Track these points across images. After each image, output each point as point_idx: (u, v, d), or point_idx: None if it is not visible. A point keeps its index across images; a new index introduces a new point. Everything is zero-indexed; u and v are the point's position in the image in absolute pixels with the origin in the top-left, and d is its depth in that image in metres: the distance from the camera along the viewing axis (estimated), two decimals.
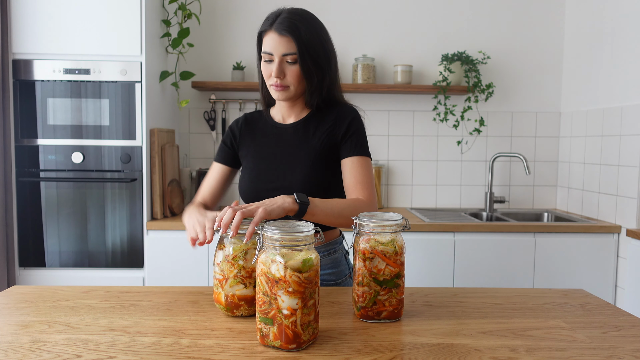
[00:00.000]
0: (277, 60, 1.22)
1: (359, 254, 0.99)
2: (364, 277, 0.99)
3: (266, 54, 1.24)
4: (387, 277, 0.98)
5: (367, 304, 0.99)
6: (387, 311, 0.99)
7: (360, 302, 1.00)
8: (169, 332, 0.93)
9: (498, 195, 2.92)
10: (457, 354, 0.85)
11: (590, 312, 1.08)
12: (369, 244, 0.98)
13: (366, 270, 0.98)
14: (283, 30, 1.20)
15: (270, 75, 1.25)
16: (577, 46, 2.77)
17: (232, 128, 1.42)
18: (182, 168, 2.79)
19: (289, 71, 1.24)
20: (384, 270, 0.98)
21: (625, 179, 2.34)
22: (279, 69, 1.22)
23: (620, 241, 2.38)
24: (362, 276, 0.99)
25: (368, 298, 0.99)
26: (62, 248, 2.37)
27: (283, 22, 1.21)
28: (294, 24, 1.21)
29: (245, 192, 1.34)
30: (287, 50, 1.21)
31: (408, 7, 2.88)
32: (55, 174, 2.36)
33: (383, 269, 0.98)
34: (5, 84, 2.29)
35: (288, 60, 1.23)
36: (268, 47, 1.23)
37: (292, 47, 1.21)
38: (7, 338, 0.90)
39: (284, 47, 1.21)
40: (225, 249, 1.01)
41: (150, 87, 2.42)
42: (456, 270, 2.38)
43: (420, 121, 2.92)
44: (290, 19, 1.22)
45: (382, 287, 0.98)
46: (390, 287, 0.98)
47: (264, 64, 1.26)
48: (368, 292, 0.99)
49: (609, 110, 2.47)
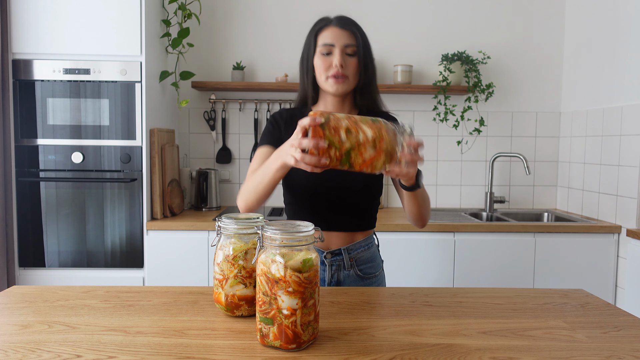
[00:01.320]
0: (338, 51, 1.29)
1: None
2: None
3: (327, 45, 1.30)
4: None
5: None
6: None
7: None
8: (169, 332, 0.93)
9: (498, 195, 2.92)
10: (457, 354, 0.85)
11: (590, 312, 1.08)
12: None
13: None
14: (345, 25, 1.31)
15: (330, 66, 1.30)
16: (577, 46, 2.77)
17: (277, 118, 1.40)
18: (182, 168, 2.79)
19: (347, 62, 1.30)
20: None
21: (625, 179, 2.34)
22: (341, 57, 1.29)
23: (620, 241, 2.38)
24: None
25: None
26: (62, 248, 2.37)
27: (343, 19, 1.33)
28: (354, 22, 1.34)
29: (302, 189, 1.35)
30: (349, 42, 1.30)
31: (408, 7, 2.88)
32: (55, 174, 2.36)
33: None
34: (5, 84, 2.29)
35: (348, 52, 1.30)
36: (329, 39, 1.30)
37: (353, 40, 1.31)
38: (7, 338, 0.90)
39: (345, 38, 1.30)
40: (225, 249, 1.01)
41: (150, 87, 2.42)
42: (456, 270, 2.38)
43: (420, 121, 2.92)
44: (350, 18, 1.34)
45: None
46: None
47: (321, 57, 1.31)
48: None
49: (609, 110, 2.47)
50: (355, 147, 0.95)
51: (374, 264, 1.43)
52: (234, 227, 1.00)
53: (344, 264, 1.36)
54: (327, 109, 1.39)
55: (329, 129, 0.95)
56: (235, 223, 1.00)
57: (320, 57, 1.31)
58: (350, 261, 1.37)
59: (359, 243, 1.38)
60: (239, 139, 2.92)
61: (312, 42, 1.33)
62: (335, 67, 1.29)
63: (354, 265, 1.37)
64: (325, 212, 1.35)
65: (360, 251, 1.38)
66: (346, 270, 1.37)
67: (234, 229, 1.00)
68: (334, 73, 1.30)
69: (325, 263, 1.35)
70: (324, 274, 1.36)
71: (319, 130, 0.95)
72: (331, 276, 1.36)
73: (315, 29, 1.34)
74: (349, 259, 1.36)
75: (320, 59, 1.31)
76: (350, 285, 1.37)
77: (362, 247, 1.39)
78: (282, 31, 2.87)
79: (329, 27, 1.31)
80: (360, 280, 1.39)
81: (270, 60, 2.88)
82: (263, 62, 2.88)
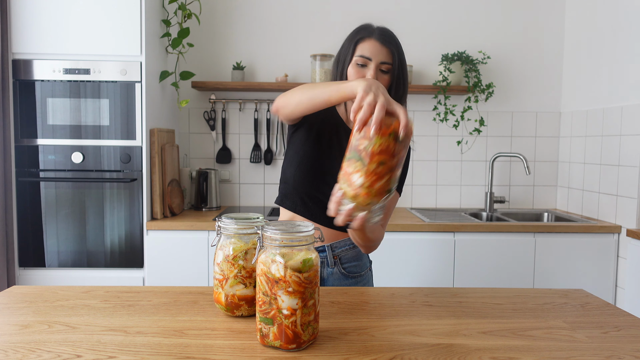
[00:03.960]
0: (373, 66, 1.28)
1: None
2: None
3: (364, 57, 1.29)
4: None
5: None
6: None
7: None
8: (169, 332, 0.93)
9: (498, 195, 2.92)
10: (457, 354, 0.85)
11: (590, 312, 1.08)
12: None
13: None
14: (386, 42, 1.29)
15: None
16: (577, 46, 2.77)
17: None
18: (182, 168, 2.79)
19: (379, 79, 1.30)
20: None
21: (625, 179, 2.34)
22: (375, 73, 1.29)
23: (620, 241, 2.38)
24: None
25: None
26: (62, 248, 2.37)
27: (385, 34, 1.30)
28: (395, 39, 1.31)
29: (301, 183, 1.35)
30: (385, 59, 1.29)
31: (408, 7, 2.88)
32: (55, 174, 2.36)
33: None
34: (5, 84, 2.29)
35: (382, 69, 1.30)
36: (367, 52, 1.29)
37: (390, 58, 1.29)
38: (7, 338, 0.90)
39: (383, 55, 1.29)
40: (225, 249, 1.01)
41: (150, 87, 2.42)
42: (456, 270, 2.38)
43: (420, 121, 2.92)
44: (391, 34, 1.32)
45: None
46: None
47: (356, 67, 1.30)
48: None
49: (609, 110, 2.47)
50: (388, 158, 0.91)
51: (360, 263, 1.42)
52: (234, 227, 1.00)
53: (327, 261, 1.36)
54: (348, 113, 1.38)
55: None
56: (235, 223, 1.00)
57: (355, 67, 1.30)
58: (335, 259, 1.36)
59: (344, 241, 1.38)
60: (239, 139, 2.92)
61: (350, 50, 1.32)
62: None
63: (337, 263, 1.37)
64: (311, 204, 1.35)
65: (346, 249, 1.38)
66: (330, 268, 1.36)
67: (234, 229, 1.00)
68: None
69: None
70: None
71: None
72: None
73: (356, 37, 1.32)
74: (333, 256, 1.36)
75: (355, 69, 1.30)
76: (334, 284, 1.37)
77: (347, 245, 1.38)
78: (282, 31, 2.87)
79: (369, 40, 1.29)
80: (345, 279, 1.38)
81: (270, 60, 2.88)
82: (263, 62, 2.88)
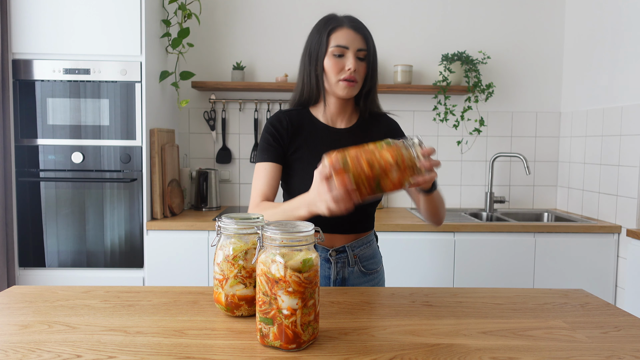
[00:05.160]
0: (351, 54, 1.28)
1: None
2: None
3: (341, 47, 1.28)
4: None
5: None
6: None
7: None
8: (169, 332, 0.93)
9: (498, 195, 2.92)
10: (457, 354, 0.85)
11: (590, 312, 1.08)
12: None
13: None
14: (358, 29, 1.30)
15: (342, 69, 1.29)
16: (577, 46, 2.77)
17: (277, 127, 1.35)
18: (182, 168, 2.79)
19: (358, 67, 1.30)
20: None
21: (625, 179, 2.34)
22: (355, 61, 1.28)
23: (620, 241, 2.38)
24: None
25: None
26: (62, 248, 2.37)
27: (356, 21, 1.31)
28: (365, 26, 1.32)
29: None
30: (361, 46, 1.29)
31: (408, 7, 2.88)
32: (55, 174, 2.36)
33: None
34: (5, 84, 2.29)
35: (359, 56, 1.30)
36: (343, 41, 1.28)
37: (364, 44, 1.30)
38: (7, 338, 0.89)
39: (358, 42, 1.29)
40: (225, 249, 1.01)
41: (150, 87, 2.42)
42: (456, 270, 2.38)
43: (420, 121, 2.92)
44: (360, 21, 1.32)
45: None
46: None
47: (333, 58, 1.29)
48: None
49: (609, 110, 2.47)
50: (382, 175, 0.97)
51: (376, 259, 1.47)
52: (234, 227, 1.00)
53: (348, 261, 1.40)
54: (328, 113, 1.38)
55: (352, 170, 0.96)
56: (235, 223, 1.00)
57: (332, 59, 1.29)
58: (354, 258, 1.40)
59: (361, 240, 1.41)
60: (239, 139, 2.92)
61: (323, 41, 1.29)
62: (348, 71, 1.28)
63: (357, 262, 1.41)
64: (328, 218, 1.35)
65: (363, 248, 1.42)
66: (350, 267, 1.40)
67: (234, 229, 1.00)
68: (346, 77, 1.28)
69: (331, 261, 1.38)
70: (330, 272, 1.39)
71: (342, 174, 0.95)
72: (336, 273, 1.39)
73: (327, 27, 1.29)
74: (353, 255, 1.40)
75: (332, 61, 1.29)
76: (355, 281, 1.41)
77: (364, 244, 1.42)
78: (282, 31, 2.87)
79: (342, 28, 1.28)
80: (364, 276, 1.42)
81: (270, 60, 2.88)
82: (263, 62, 2.88)
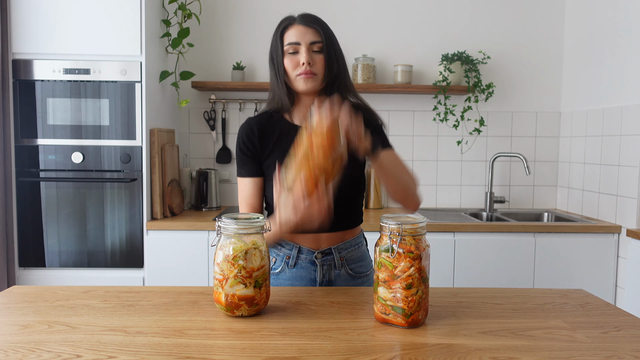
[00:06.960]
0: (304, 48, 1.29)
1: (406, 255, 0.94)
2: (414, 279, 0.94)
3: (292, 44, 1.30)
4: (426, 273, 0.97)
5: (415, 309, 0.95)
6: (425, 311, 0.98)
7: (410, 308, 0.95)
8: (169, 332, 0.93)
9: (498, 195, 2.92)
10: (457, 354, 0.85)
11: (590, 312, 1.08)
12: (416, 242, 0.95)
13: (415, 270, 0.94)
14: (309, 23, 1.31)
15: (298, 65, 1.30)
16: (577, 46, 2.77)
17: (249, 136, 1.35)
18: (182, 168, 2.79)
19: (315, 59, 1.31)
20: (427, 267, 0.97)
21: (625, 179, 2.34)
22: (308, 55, 1.29)
23: (620, 241, 2.38)
24: (412, 278, 0.94)
25: (417, 301, 0.95)
26: (62, 248, 2.37)
27: (307, 16, 1.32)
28: (318, 19, 1.33)
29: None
30: (314, 39, 1.30)
31: (408, 7, 2.88)
32: (55, 174, 2.36)
33: (427, 266, 0.96)
34: (5, 84, 2.29)
35: (314, 49, 1.30)
36: (294, 37, 1.30)
37: (318, 37, 1.30)
38: (7, 338, 0.90)
39: (310, 35, 1.30)
40: (225, 249, 1.01)
41: (150, 87, 2.42)
42: (456, 270, 2.38)
43: (420, 121, 2.92)
44: (314, 15, 1.34)
45: (425, 285, 0.96)
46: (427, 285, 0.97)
47: (288, 57, 1.31)
48: (416, 294, 0.95)
49: (609, 110, 2.47)
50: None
51: (365, 262, 1.43)
52: (234, 227, 1.00)
53: (334, 264, 1.36)
54: (302, 111, 1.37)
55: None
56: (235, 223, 1.00)
57: (288, 57, 1.31)
58: (341, 260, 1.37)
59: (348, 242, 1.38)
60: None
61: (278, 42, 1.32)
62: (302, 65, 1.29)
63: (344, 265, 1.37)
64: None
65: (351, 250, 1.38)
66: (337, 270, 1.37)
67: (234, 229, 1.00)
68: (301, 71, 1.30)
69: (317, 263, 1.35)
70: (316, 274, 1.35)
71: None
72: (322, 276, 1.35)
73: (279, 29, 1.33)
74: (340, 258, 1.36)
75: (289, 59, 1.31)
76: (342, 285, 1.37)
77: (352, 246, 1.39)
78: None
79: (293, 26, 1.31)
80: (352, 280, 1.38)
81: None
82: (263, 62, 2.88)
